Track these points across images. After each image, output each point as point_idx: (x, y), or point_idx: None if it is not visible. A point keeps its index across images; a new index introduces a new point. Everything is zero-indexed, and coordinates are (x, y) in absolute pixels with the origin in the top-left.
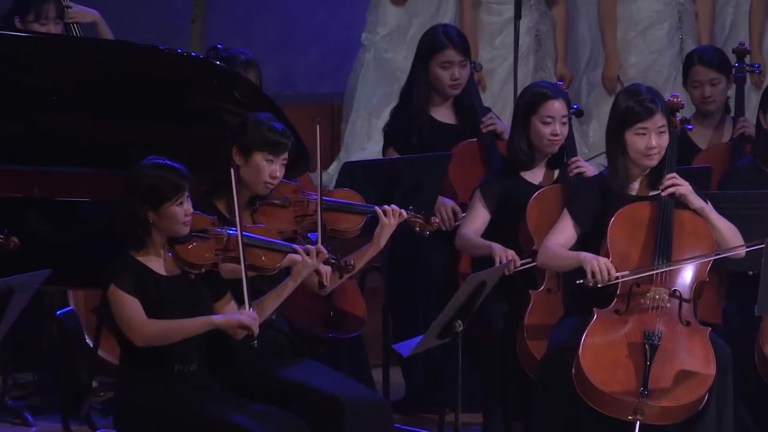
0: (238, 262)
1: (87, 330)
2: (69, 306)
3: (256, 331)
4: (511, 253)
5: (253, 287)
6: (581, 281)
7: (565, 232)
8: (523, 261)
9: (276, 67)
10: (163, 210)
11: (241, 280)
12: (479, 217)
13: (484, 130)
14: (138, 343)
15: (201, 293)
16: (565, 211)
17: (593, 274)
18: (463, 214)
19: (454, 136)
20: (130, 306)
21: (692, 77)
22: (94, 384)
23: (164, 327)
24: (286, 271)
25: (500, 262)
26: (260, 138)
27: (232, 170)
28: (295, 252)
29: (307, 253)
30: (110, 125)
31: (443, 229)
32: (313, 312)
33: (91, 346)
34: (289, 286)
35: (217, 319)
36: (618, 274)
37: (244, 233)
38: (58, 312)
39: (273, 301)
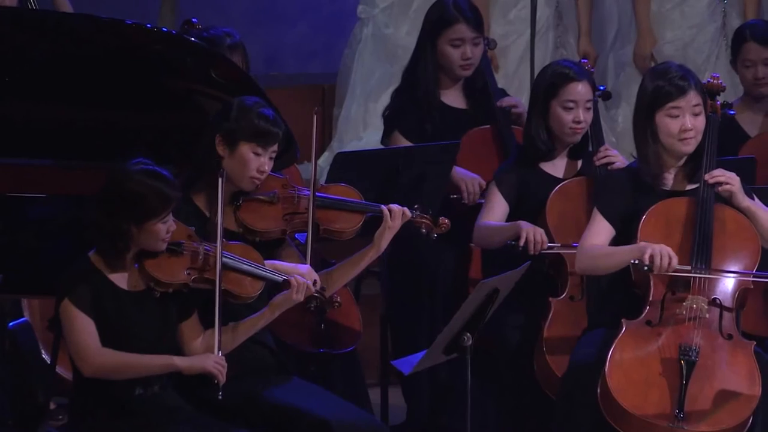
0: (213, 286)
1: (43, 344)
2: (23, 317)
3: (222, 380)
4: (540, 232)
5: (226, 310)
6: (644, 267)
7: (600, 234)
8: (551, 244)
9: (259, 44)
10: (147, 226)
11: (213, 303)
12: (498, 207)
13: (513, 110)
14: (85, 372)
15: (167, 312)
16: (596, 210)
17: (651, 259)
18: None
19: (465, 121)
20: (82, 327)
21: (743, 56)
22: (52, 405)
23: (118, 361)
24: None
25: (525, 241)
26: (247, 127)
27: (219, 179)
28: (286, 282)
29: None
30: (69, 111)
31: (466, 203)
32: (302, 324)
33: (49, 362)
34: (264, 318)
35: (179, 361)
36: (679, 266)
37: (224, 253)
38: (11, 324)
39: (244, 332)
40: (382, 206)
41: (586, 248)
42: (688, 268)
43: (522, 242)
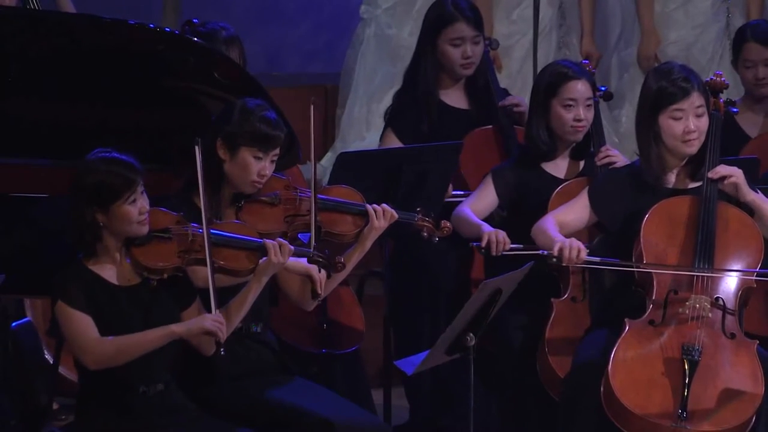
0: (206, 264)
1: (46, 344)
2: (26, 317)
3: (223, 337)
4: (502, 234)
5: (224, 295)
6: (552, 258)
7: (570, 213)
8: (513, 245)
9: (261, 43)
10: (114, 210)
11: (208, 283)
12: (486, 199)
13: (515, 108)
14: (90, 365)
15: (164, 303)
16: (586, 193)
17: (560, 251)
18: (512, 245)
19: (467, 122)
20: (79, 324)
21: (744, 56)
22: (55, 406)
23: (118, 345)
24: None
25: (487, 244)
26: (249, 131)
27: (196, 147)
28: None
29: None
30: (72, 110)
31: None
32: (304, 325)
33: (51, 362)
34: (252, 290)
35: (177, 327)
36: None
37: (212, 231)
38: (13, 324)
39: (236, 309)
40: (368, 206)
41: (543, 219)
42: (597, 259)
43: (484, 243)
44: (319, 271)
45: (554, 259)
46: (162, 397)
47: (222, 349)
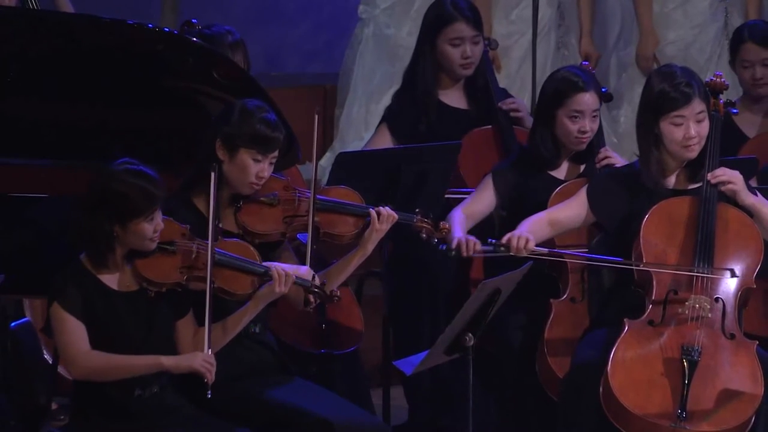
0: (205, 283)
1: (45, 344)
2: (25, 317)
3: (211, 378)
4: (471, 237)
5: (218, 306)
6: (500, 248)
7: (564, 211)
8: (484, 246)
9: (260, 43)
10: (132, 226)
11: (204, 301)
12: (484, 201)
13: (512, 114)
14: (73, 375)
15: (160, 312)
16: (583, 192)
17: (509, 241)
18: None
19: (466, 122)
20: (71, 331)
21: (741, 56)
22: (54, 405)
23: (106, 362)
24: None
25: (457, 246)
26: (249, 132)
27: (212, 174)
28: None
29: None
30: (71, 111)
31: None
32: (303, 325)
33: (50, 362)
34: (248, 313)
35: (166, 360)
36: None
37: (218, 250)
38: (12, 324)
39: (232, 327)
40: (370, 209)
41: (537, 214)
42: (545, 250)
43: (454, 245)
44: (315, 301)
45: (502, 249)
46: (158, 399)
47: (209, 392)
